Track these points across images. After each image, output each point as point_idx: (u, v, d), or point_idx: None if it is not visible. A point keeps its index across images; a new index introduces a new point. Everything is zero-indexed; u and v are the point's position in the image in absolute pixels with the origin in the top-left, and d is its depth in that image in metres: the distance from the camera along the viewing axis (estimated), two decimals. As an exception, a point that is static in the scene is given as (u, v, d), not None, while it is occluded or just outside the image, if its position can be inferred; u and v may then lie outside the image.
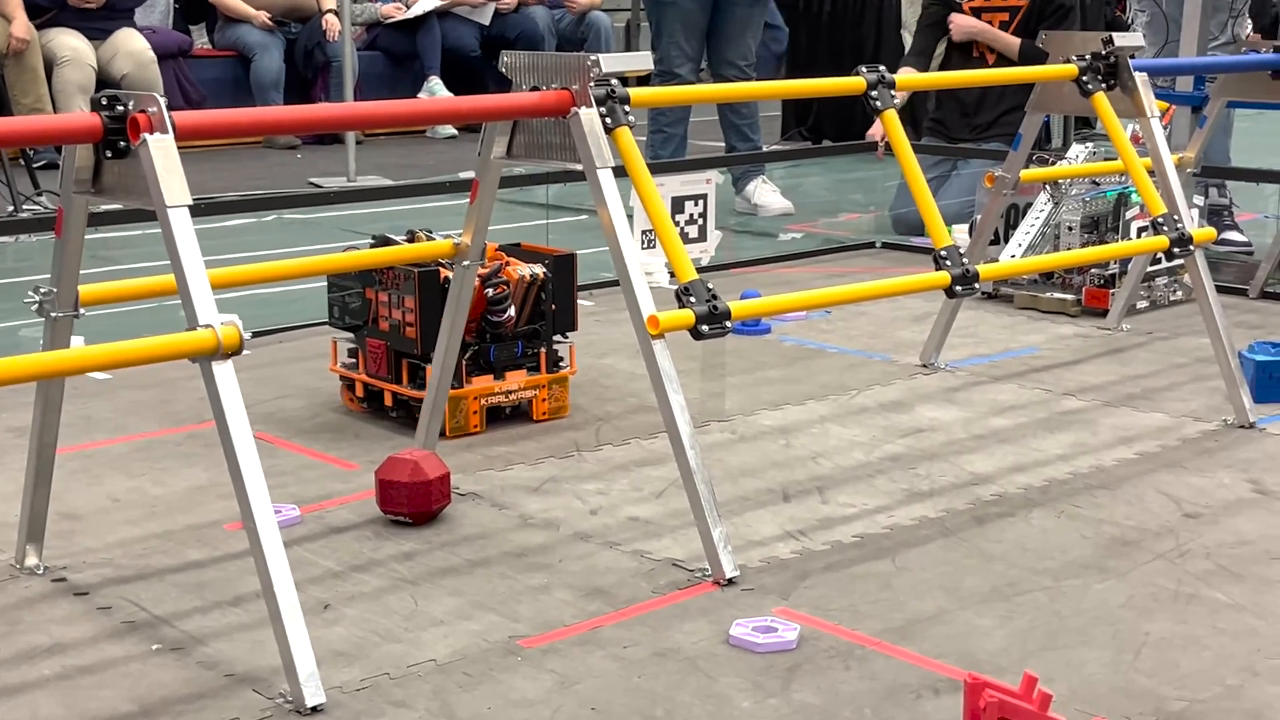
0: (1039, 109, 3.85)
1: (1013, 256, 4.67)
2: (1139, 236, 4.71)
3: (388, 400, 3.53)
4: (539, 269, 3.49)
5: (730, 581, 2.65)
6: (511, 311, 3.43)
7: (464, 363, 3.37)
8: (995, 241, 4.88)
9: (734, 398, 3.90)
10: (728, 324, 2.69)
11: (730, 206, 6.80)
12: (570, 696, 2.23)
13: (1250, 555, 2.79)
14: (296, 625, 2.15)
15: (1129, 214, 4.75)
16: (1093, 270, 4.71)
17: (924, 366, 4.14)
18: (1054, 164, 4.84)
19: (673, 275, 2.73)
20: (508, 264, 3.46)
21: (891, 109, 3.20)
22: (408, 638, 2.44)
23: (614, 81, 2.74)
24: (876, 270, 5.57)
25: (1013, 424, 3.64)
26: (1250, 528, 2.93)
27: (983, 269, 3.24)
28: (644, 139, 6.91)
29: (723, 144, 6.96)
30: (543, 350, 3.58)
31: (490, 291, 3.36)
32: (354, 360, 3.66)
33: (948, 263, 3.12)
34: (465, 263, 3.02)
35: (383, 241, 3.44)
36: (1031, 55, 5.34)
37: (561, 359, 3.68)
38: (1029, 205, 4.87)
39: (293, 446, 3.45)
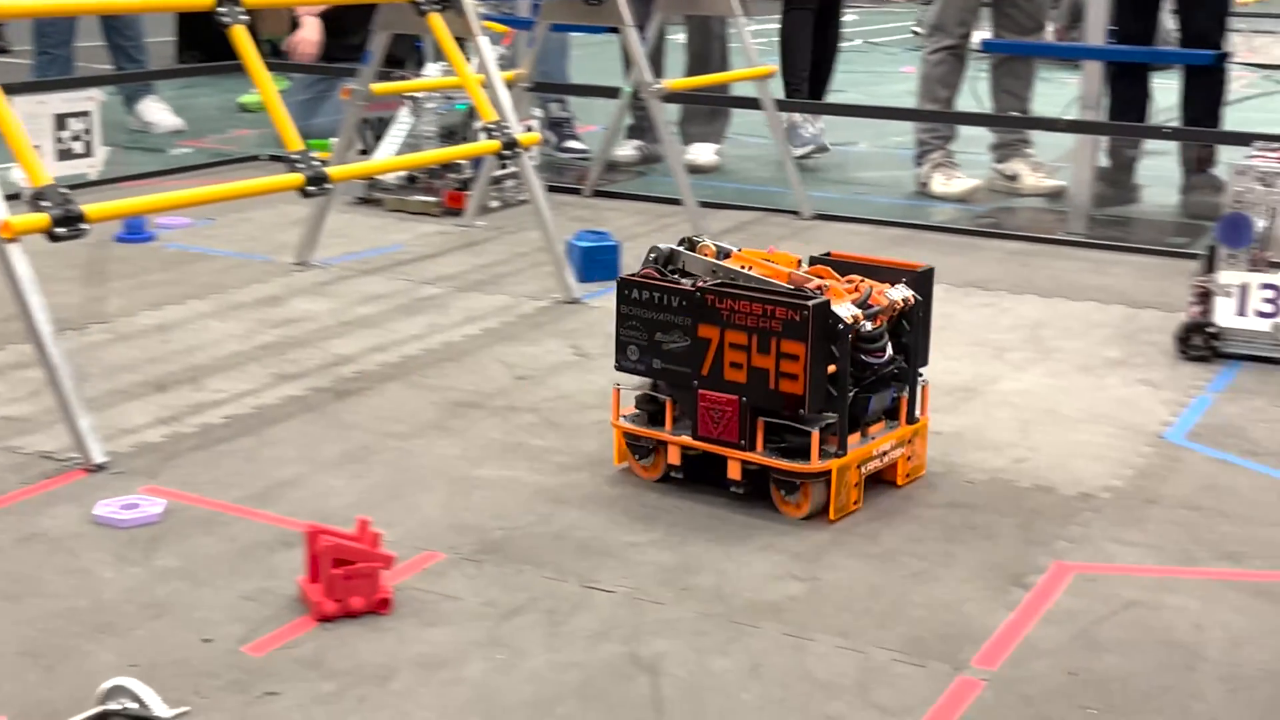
0: (384, 28, 3.96)
1: (379, 163, 4.75)
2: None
3: (733, 472, 2.47)
4: (907, 292, 2.54)
5: (100, 467, 2.64)
6: (890, 350, 2.49)
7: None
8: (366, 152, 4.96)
9: (116, 301, 3.80)
10: (83, 226, 2.64)
11: (124, 125, 6.51)
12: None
13: (568, 407, 3.03)
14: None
15: (477, 124, 4.92)
16: (450, 175, 4.88)
17: (299, 265, 4.17)
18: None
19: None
20: (872, 289, 2.51)
21: (239, 25, 3.18)
22: None
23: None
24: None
25: (376, 311, 3.76)
26: (569, 384, 3.18)
27: (333, 170, 3.33)
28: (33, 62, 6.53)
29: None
30: (904, 396, 2.59)
31: (868, 326, 2.43)
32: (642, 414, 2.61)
33: (301, 166, 3.17)
34: None
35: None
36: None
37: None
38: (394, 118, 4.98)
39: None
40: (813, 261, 2.61)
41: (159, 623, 2.08)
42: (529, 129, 4.21)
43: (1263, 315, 3.36)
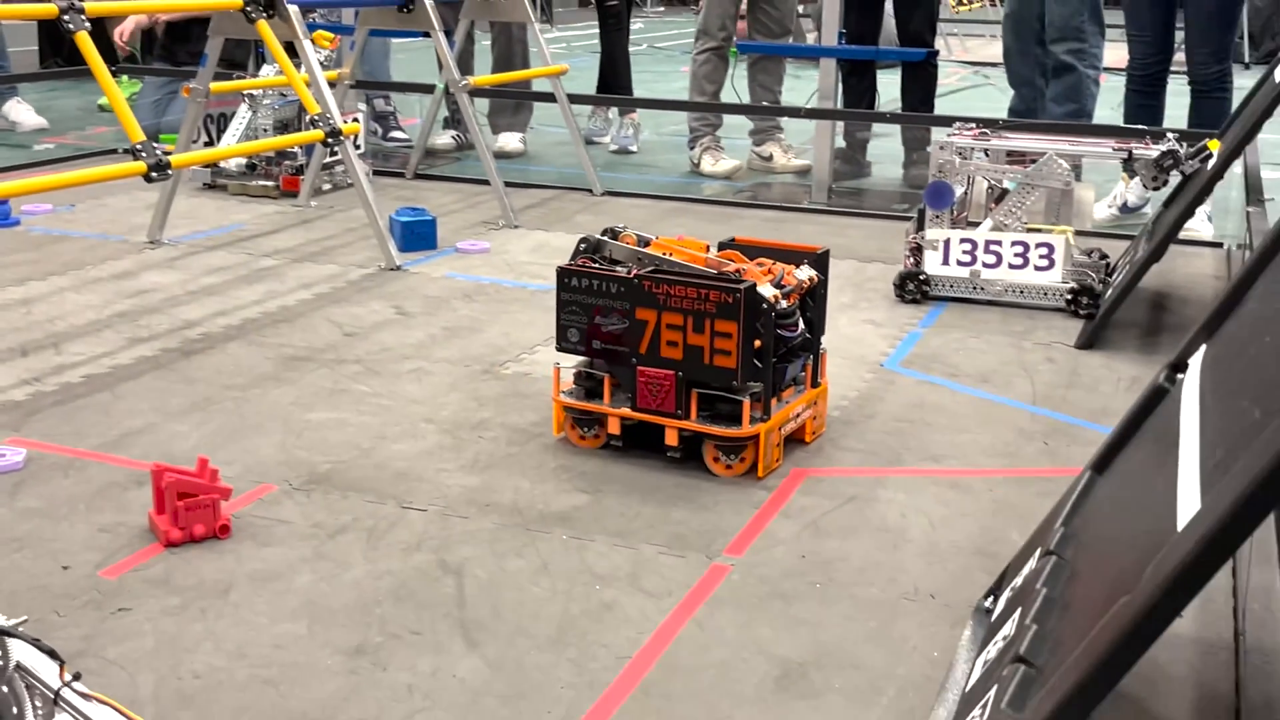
0: (218, 33, 3.85)
1: (222, 153, 4.60)
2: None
3: (671, 439, 2.36)
4: (811, 271, 2.46)
5: (-33, 424, 2.50)
6: (801, 324, 2.42)
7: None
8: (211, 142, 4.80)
9: (-18, 281, 3.61)
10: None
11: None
12: None
13: (389, 358, 3.00)
14: None
15: (308, 117, 4.81)
16: (286, 162, 4.76)
17: (151, 243, 4.03)
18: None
19: None
20: (784, 270, 2.44)
21: (83, 31, 3.04)
22: None
23: None
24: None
25: (220, 281, 3.65)
26: (390, 339, 3.14)
27: (174, 158, 3.21)
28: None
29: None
30: (808, 364, 2.50)
31: (784, 304, 2.35)
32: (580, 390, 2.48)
33: (143, 155, 3.06)
34: None
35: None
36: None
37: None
38: (235, 113, 4.83)
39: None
40: (721, 246, 2.52)
41: (20, 555, 2.01)
42: (354, 120, 4.13)
43: (961, 264, 3.49)
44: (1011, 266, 3.45)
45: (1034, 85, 5.12)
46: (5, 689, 1.17)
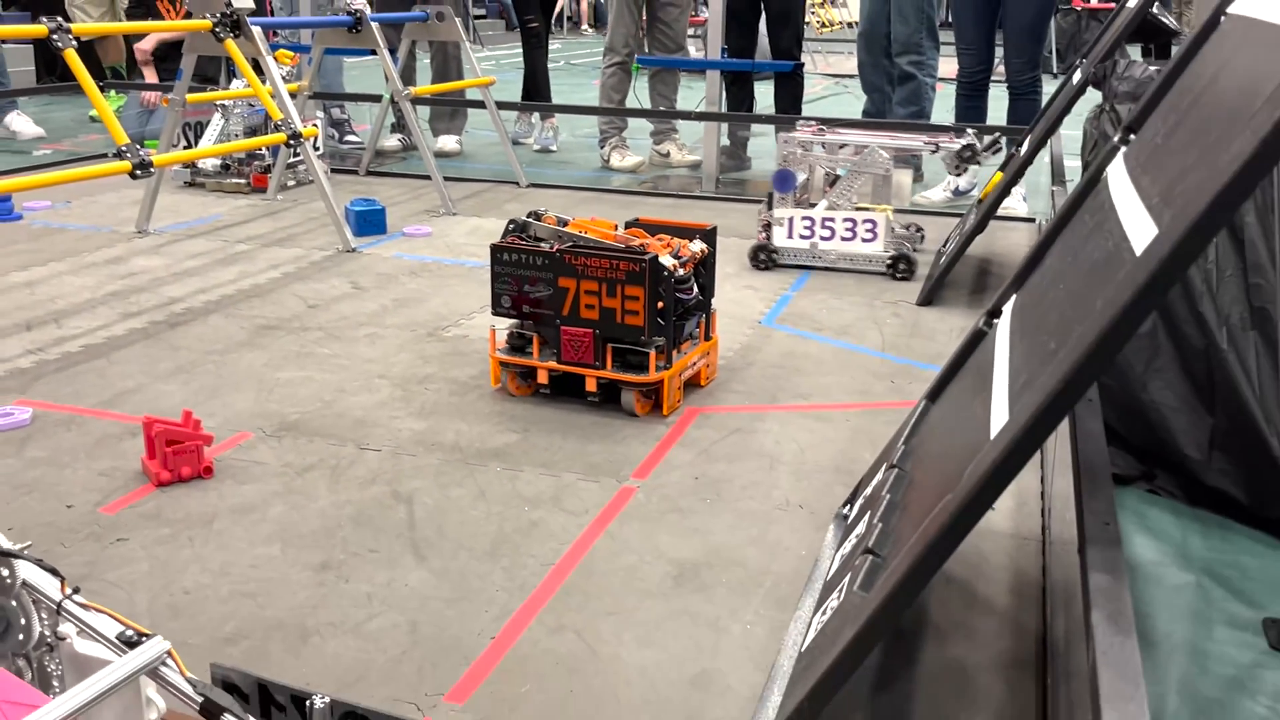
0: (191, 50, 3.74)
1: (198, 155, 4.48)
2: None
3: (591, 386, 2.37)
4: (702, 244, 2.48)
5: (-21, 388, 2.42)
6: (695, 288, 2.43)
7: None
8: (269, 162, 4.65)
9: (-10, 267, 3.49)
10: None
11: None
12: None
13: (346, 325, 2.96)
14: None
15: (273, 123, 4.70)
16: (255, 162, 4.65)
17: (139, 233, 3.92)
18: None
19: None
20: (680, 245, 2.46)
21: (71, 49, 2.94)
22: None
23: None
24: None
25: (200, 264, 3.57)
26: (348, 309, 3.10)
27: (156, 157, 3.14)
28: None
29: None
30: (702, 321, 2.52)
31: (681, 271, 2.37)
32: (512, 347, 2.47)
33: (128, 155, 2.97)
34: None
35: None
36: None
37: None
38: (210, 121, 4.69)
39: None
40: (627, 225, 2.52)
41: (29, 497, 1.97)
42: (313, 125, 4.04)
43: (803, 237, 3.54)
44: (843, 239, 3.50)
45: (883, 92, 5.17)
46: (14, 603, 1.14)
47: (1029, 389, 1.19)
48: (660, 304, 2.33)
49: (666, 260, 2.33)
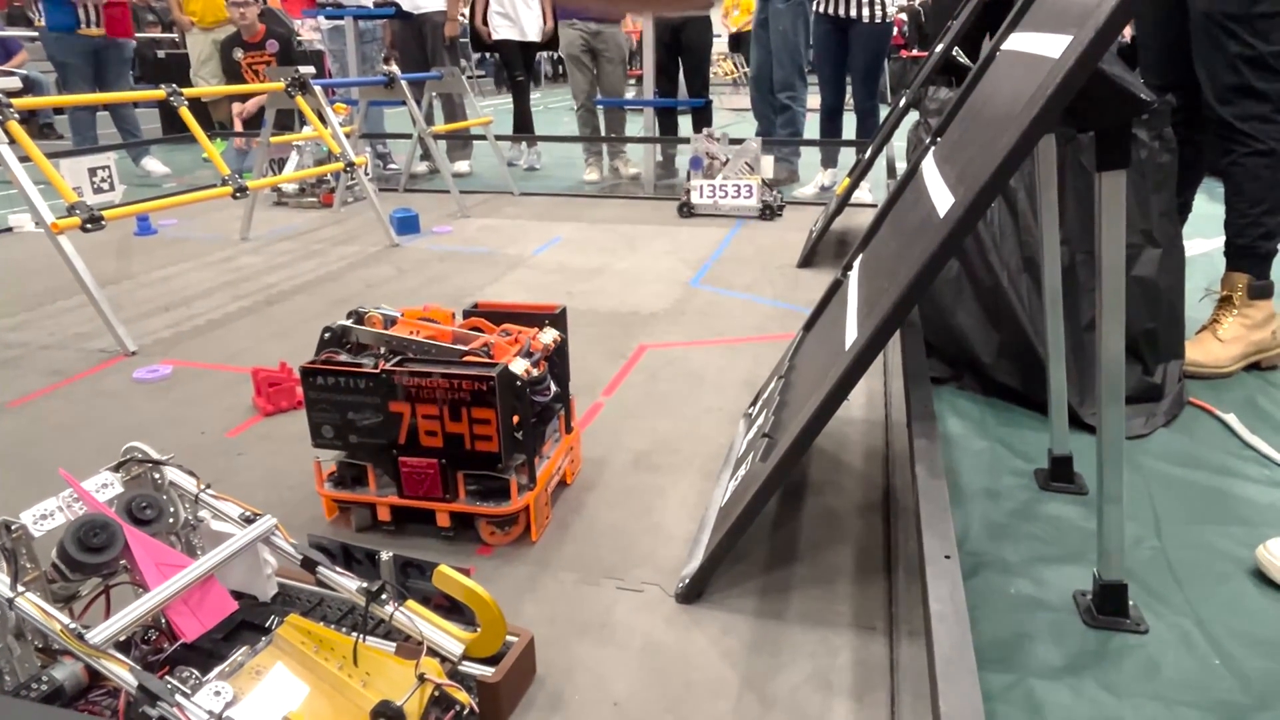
0: (272, 105, 3.59)
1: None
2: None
3: (443, 521, 1.45)
4: (554, 332, 1.55)
5: (133, 353, 2.38)
6: (552, 385, 1.53)
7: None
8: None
9: (138, 266, 3.36)
10: (103, 223, 2.33)
11: (134, 173, 5.73)
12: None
13: (394, 297, 2.88)
14: None
15: (334, 157, 4.57)
16: (323, 185, 4.52)
17: (243, 239, 3.80)
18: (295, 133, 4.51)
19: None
20: (530, 337, 1.52)
21: (183, 107, 2.81)
22: None
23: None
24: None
25: (288, 259, 3.48)
26: (396, 286, 3.04)
27: (251, 182, 3.01)
28: (72, 140, 5.59)
29: None
30: (561, 415, 1.61)
31: (535, 372, 1.45)
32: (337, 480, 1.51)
33: (231, 182, 2.88)
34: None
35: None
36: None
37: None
38: (289, 158, 4.55)
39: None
40: (466, 315, 1.59)
41: (174, 429, 1.93)
42: (364, 155, 3.92)
43: (708, 197, 3.71)
44: (733, 197, 3.80)
45: (769, 119, 5.11)
46: (165, 496, 1.13)
47: (870, 316, 1.20)
48: (516, 418, 1.41)
49: (518, 366, 1.41)
